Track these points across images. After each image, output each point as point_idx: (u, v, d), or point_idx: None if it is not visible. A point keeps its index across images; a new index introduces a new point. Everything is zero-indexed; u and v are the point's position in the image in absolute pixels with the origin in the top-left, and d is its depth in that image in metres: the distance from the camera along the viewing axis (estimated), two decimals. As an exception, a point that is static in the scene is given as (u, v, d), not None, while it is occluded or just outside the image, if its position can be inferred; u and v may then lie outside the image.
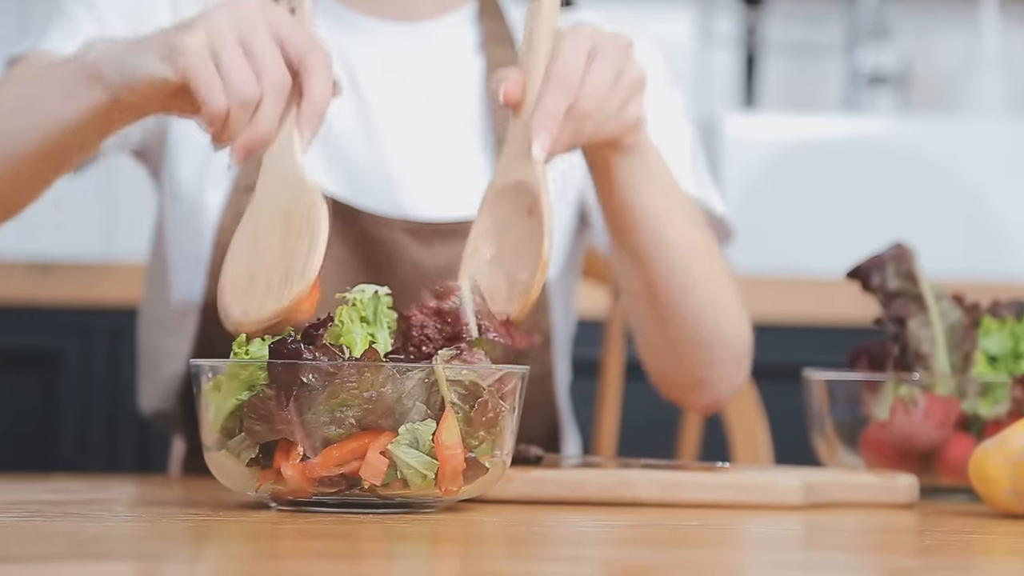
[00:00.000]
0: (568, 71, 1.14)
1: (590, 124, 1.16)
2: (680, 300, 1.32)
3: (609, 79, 1.16)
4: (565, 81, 1.14)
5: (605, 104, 1.16)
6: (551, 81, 1.14)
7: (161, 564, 0.85)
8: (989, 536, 1.06)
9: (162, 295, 1.47)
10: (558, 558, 0.92)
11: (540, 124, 1.13)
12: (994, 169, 2.29)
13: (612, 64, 1.16)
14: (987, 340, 1.29)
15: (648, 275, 1.32)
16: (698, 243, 1.33)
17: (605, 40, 1.17)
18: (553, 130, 1.13)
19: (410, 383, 1.00)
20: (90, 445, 2.11)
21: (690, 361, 1.37)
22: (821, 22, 2.52)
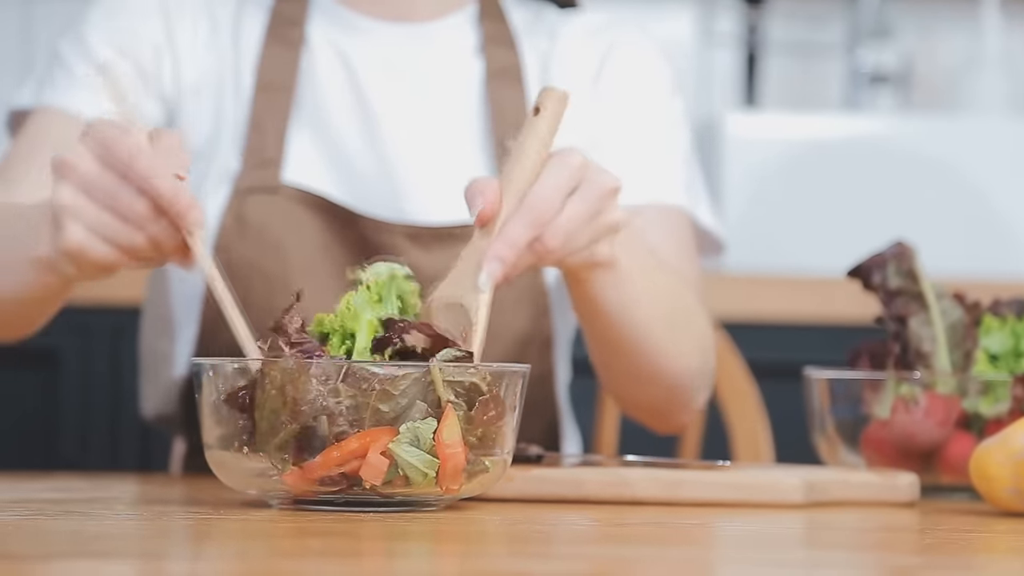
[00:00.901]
0: (543, 203, 1.11)
1: (551, 257, 1.14)
2: (642, 363, 1.33)
3: (583, 218, 1.13)
4: (537, 212, 1.11)
5: (572, 242, 1.14)
6: (523, 208, 1.11)
7: (163, 562, 0.86)
8: (990, 534, 1.06)
9: (162, 299, 1.47)
10: (558, 556, 0.92)
11: (498, 252, 1.10)
12: (995, 168, 2.29)
13: (591, 203, 1.14)
14: (988, 339, 1.29)
15: (611, 349, 1.32)
16: (665, 313, 1.32)
17: (591, 177, 1.14)
18: (509, 261, 1.10)
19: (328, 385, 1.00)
20: (91, 444, 2.11)
21: (652, 401, 1.38)
22: (822, 21, 2.52)
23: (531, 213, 1.11)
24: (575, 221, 1.13)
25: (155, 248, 1.08)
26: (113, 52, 1.42)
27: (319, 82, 1.44)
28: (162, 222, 1.07)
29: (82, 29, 1.44)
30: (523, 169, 1.12)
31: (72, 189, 1.08)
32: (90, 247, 1.08)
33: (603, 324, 1.29)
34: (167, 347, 1.46)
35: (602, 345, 1.33)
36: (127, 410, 2.06)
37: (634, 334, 1.30)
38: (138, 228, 1.07)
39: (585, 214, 1.14)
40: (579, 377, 1.65)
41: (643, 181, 1.44)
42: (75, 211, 1.08)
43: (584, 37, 1.49)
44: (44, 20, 2.44)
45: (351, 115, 1.44)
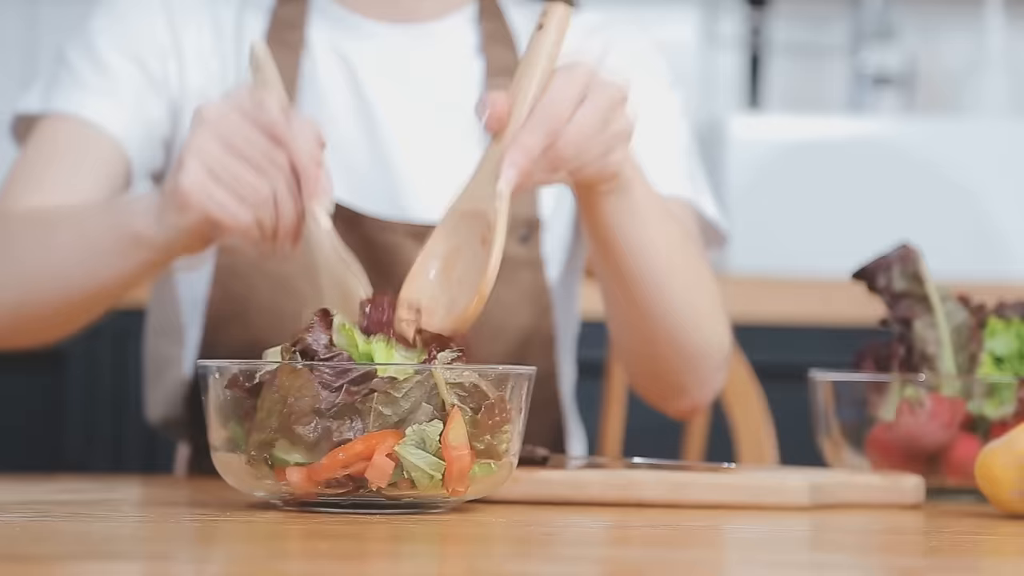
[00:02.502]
0: (554, 110, 1.12)
1: (567, 165, 1.15)
2: (662, 319, 1.32)
3: (595, 125, 1.14)
4: (549, 120, 1.12)
5: (585, 150, 1.15)
6: (535, 117, 1.12)
7: (169, 564, 0.86)
8: (995, 537, 1.06)
9: (167, 303, 1.47)
10: (564, 558, 0.92)
11: (513, 159, 1.11)
12: (999, 170, 2.29)
13: (601, 110, 1.15)
14: (993, 341, 1.29)
15: (631, 297, 1.32)
16: (683, 265, 1.32)
17: (600, 85, 1.15)
18: (525, 167, 1.11)
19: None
20: (96, 445, 2.11)
21: (667, 369, 1.37)
22: (825, 23, 2.53)
23: (543, 121, 1.12)
24: (587, 128, 1.14)
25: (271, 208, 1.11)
26: (119, 53, 1.42)
27: (320, 84, 1.44)
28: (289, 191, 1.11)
29: (88, 33, 1.44)
30: (531, 82, 1.13)
31: (209, 135, 1.12)
32: (209, 190, 1.11)
33: (618, 258, 1.28)
34: (172, 351, 1.46)
35: (618, 293, 1.31)
36: (132, 412, 2.06)
37: (650, 275, 1.29)
38: (264, 180, 1.11)
39: (596, 122, 1.15)
40: (584, 378, 1.65)
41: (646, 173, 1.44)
42: (203, 151, 1.11)
43: (582, 37, 1.49)
44: (49, 24, 2.44)
45: (352, 116, 1.44)
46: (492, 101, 1.13)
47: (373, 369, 1.01)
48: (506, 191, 1.11)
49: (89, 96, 1.40)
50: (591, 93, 1.14)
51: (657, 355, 1.36)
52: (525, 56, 1.15)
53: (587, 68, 1.15)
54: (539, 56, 1.14)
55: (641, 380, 1.41)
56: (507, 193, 1.11)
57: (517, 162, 1.11)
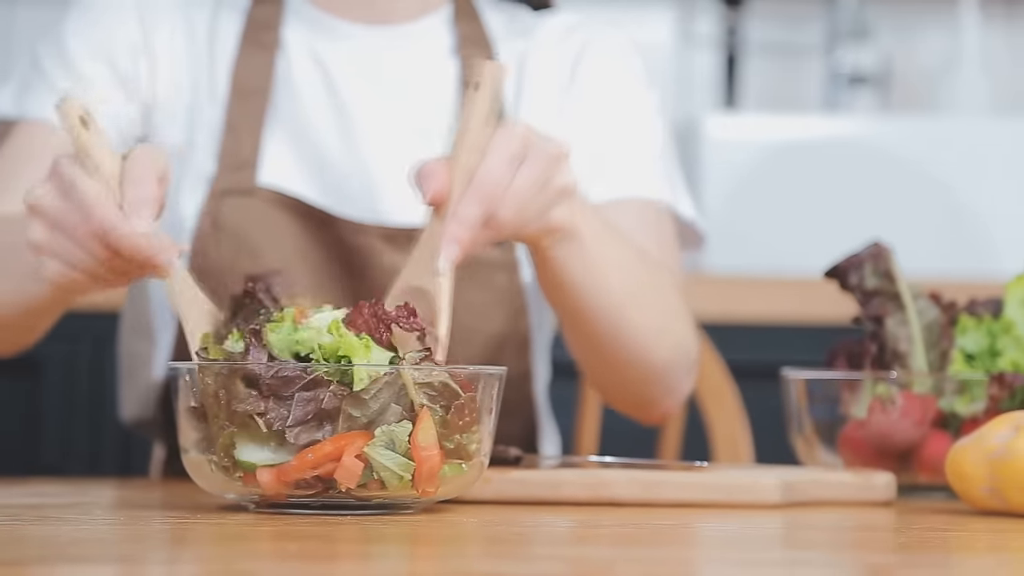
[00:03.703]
0: (492, 179, 1.11)
1: (507, 230, 1.14)
2: (618, 346, 1.33)
3: (534, 186, 1.13)
4: (487, 189, 1.11)
5: (526, 211, 1.14)
6: (473, 188, 1.11)
7: (138, 566, 0.85)
8: (966, 533, 1.06)
9: (141, 302, 1.47)
10: (536, 558, 0.92)
11: (453, 235, 1.10)
12: (973, 168, 2.30)
13: (540, 170, 1.13)
14: (964, 338, 1.30)
15: (583, 331, 1.32)
16: (635, 290, 1.32)
17: (537, 144, 1.13)
18: (465, 241, 1.10)
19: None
20: (73, 450, 2.10)
21: (632, 387, 1.38)
22: (801, 22, 2.53)
23: (482, 189, 1.11)
24: (526, 191, 1.13)
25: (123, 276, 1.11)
26: (90, 56, 1.42)
27: (294, 85, 1.44)
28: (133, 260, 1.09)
29: (61, 35, 1.44)
30: (468, 146, 1.12)
31: (43, 228, 1.11)
32: (70, 279, 1.11)
33: (573, 301, 1.28)
34: (145, 350, 1.46)
35: (576, 328, 1.32)
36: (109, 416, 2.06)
37: (605, 311, 1.29)
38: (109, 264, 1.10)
39: (535, 182, 1.13)
40: (559, 378, 1.65)
41: (622, 176, 1.44)
42: (49, 248, 1.11)
43: (558, 37, 1.49)
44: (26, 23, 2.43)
45: (326, 117, 1.44)
46: (431, 174, 1.11)
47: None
48: (447, 268, 1.10)
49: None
50: (529, 153, 1.13)
51: (621, 376, 1.37)
52: (462, 119, 1.13)
53: (524, 128, 1.13)
54: (476, 118, 1.12)
55: (605, 394, 1.42)
56: (448, 270, 1.10)
57: (457, 237, 1.10)
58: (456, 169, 1.12)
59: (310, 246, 1.40)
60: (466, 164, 1.12)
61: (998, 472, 1.11)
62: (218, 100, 1.44)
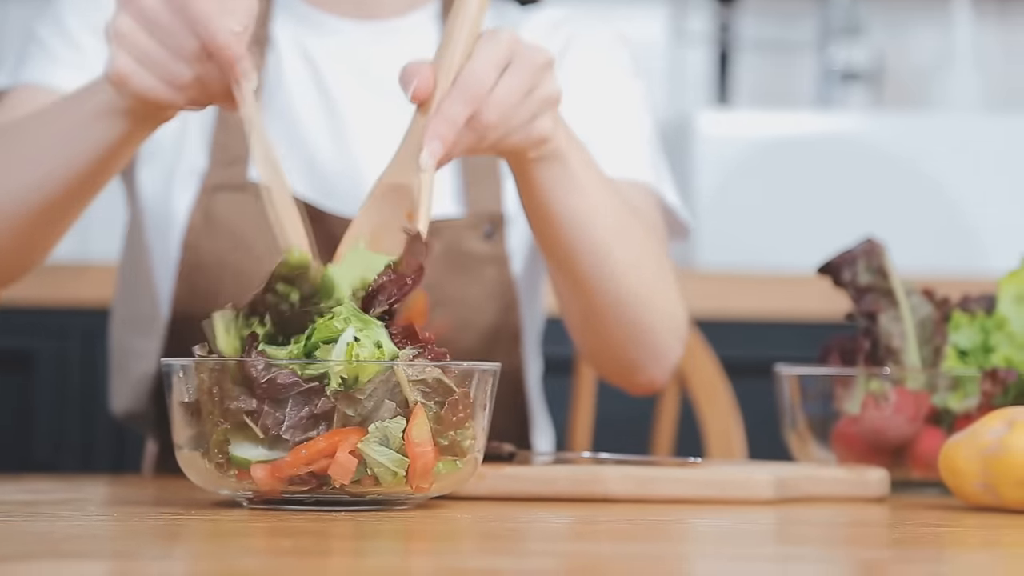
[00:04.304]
0: (477, 78, 1.11)
1: (491, 135, 1.13)
2: (602, 292, 1.31)
3: (519, 92, 1.13)
4: (471, 89, 1.11)
5: (510, 117, 1.14)
6: (457, 86, 1.11)
7: (132, 562, 0.85)
8: (959, 529, 1.06)
9: (133, 296, 1.47)
10: (530, 554, 0.92)
11: (436, 131, 1.10)
12: (966, 165, 2.30)
13: (525, 77, 1.13)
14: (957, 334, 1.30)
15: (574, 272, 1.30)
16: (627, 238, 1.31)
17: (523, 51, 1.14)
18: (449, 138, 1.10)
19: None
20: (65, 446, 2.10)
21: (622, 349, 1.36)
22: (794, 19, 2.53)
23: (466, 89, 1.11)
24: (511, 95, 1.13)
25: (201, 88, 1.11)
26: (89, 31, 1.42)
27: (284, 80, 1.44)
28: (210, 64, 1.09)
29: (57, 10, 1.44)
30: (455, 50, 1.12)
31: (129, 19, 1.11)
32: (137, 76, 1.11)
33: (557, 231, 1.26)
34: (139, 343, 1.46)
35: (562, 267, 1.30)
36: (101, 412, 2.06)
37: (591, 247, 1.28)
38: (186, 65, 1.10)
39: (520, 88, 1.13)
40: (552, 373, 1.65)
41: (609, 160, 1.44)
42: (126, 39, 1.10)
43: (545, 32, 1.49)
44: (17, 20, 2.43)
45: (316, 113, 1.44)
46: (416, 72, 1.11)
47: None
48: (430, 163, 1.10)
49: (60, 68, 1.40)
50: (515, 59, 1.13)
51: (605, 331, 1.35)
52: (448, 24, 1.14)
53: (510, 34, 1.14)
54: (463, 23, 1.13)
55: (594, 357, 1.40)
56: (431, 164, 1.10)
57: (440, 133, 1.10)
58: (442, 70, 1.12)
59: (301, 242, 1.40)
60: (451, 66, 1.12)
61: (991, 468, 1.11)
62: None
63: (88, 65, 1.40)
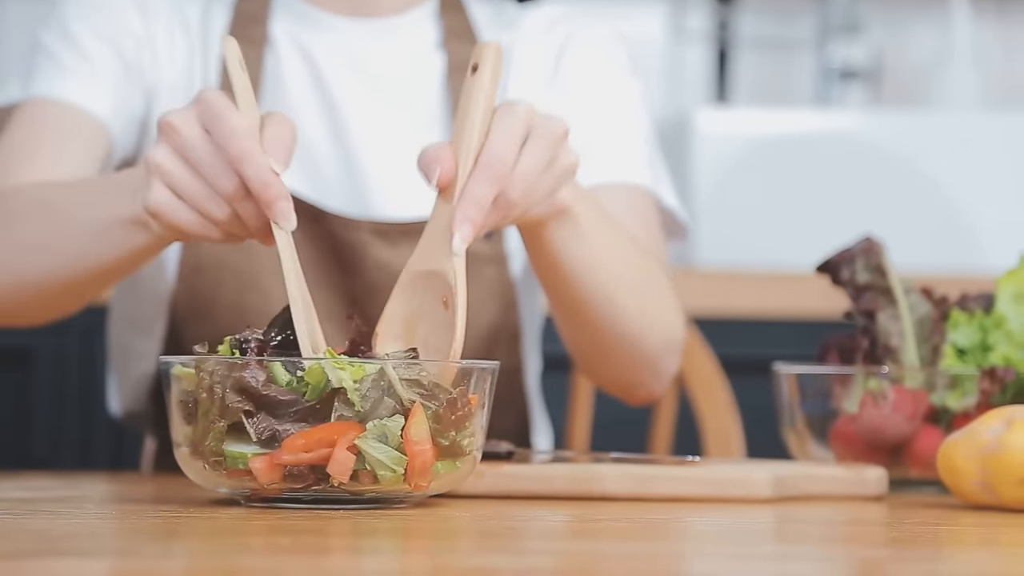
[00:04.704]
0: (499, 158, 1.11)
1: (516, 210, 1.14)
2: (608, 329, 1.33)
3: (540, 166, 1.13)
4: (495, 169, 1.11)
5: (533, 191, 1.14)
6: (480, 168, 1.11)
7: (131, 560, 0.85)
8: (957, 527, 1.06)
9: (131, 296, 1.47)
10: (529, 552, 0.92)
11: (465, 215, 1.10)
12: (964, 163, 2.30)
13: (545, 150, 1.13)
14: (956, 333, 1.30)
15: (575, 313, 1.32)
16: (627, 273, 1.32)
17: (540, 123, 1.14)
18: (478, 221, 1.10)
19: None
20: (64, 443, 2.10)
21: (621, 370, 1.38)
22: (792, 17, 2.53)
23: (490, 169, 1.11)
24: (533, 170, 1.13)
25: (238, 225, 1.10)
26: (96, 38, 1.42)
27: (283, 79, 1.44)
28: (249, 203, 1.09)
29: (63, 20, 1.43)
30: (472, 128, 1.12)
31: (169, 150, 1.10)
32: (173, 210, 1.11)
33: (568, 285, 1.28)
34: (137, 343, 1.46)
35: (569, 312, 1.32)
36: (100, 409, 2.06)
37: (599, 295, 1.29)
38: (224, 202, 1.09)
39: (541, 161, 1.14)
40: (551, 372, 1.65)
41: (607, 161, 1.44)
42: (166, 172, 1.10)
43: (542, 29, 1.49)
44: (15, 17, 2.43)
45: (315, 112, 1.44)
46: (436, 158, 1.11)
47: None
48: (461, 248, 1.09)
49: (70, 80, 1.40)
50: (533, 132, 1.13)
51: (611, 361, 1.37)
52: (463, 101, 1.13)
53: (526, 107, 1.13)
54: (478, 100, 1.12)
55: (593, 376, 1.43)
56: (462, 250, 1.10)
57: (470, 217, 1.10)
58: (461, 151, 1.12)
59: (301, 241, 1.40)
60: (470, 145, 1.11)
61: (989, 466, 1.12)
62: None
63: (96, 73, 1.40)
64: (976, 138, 2.31)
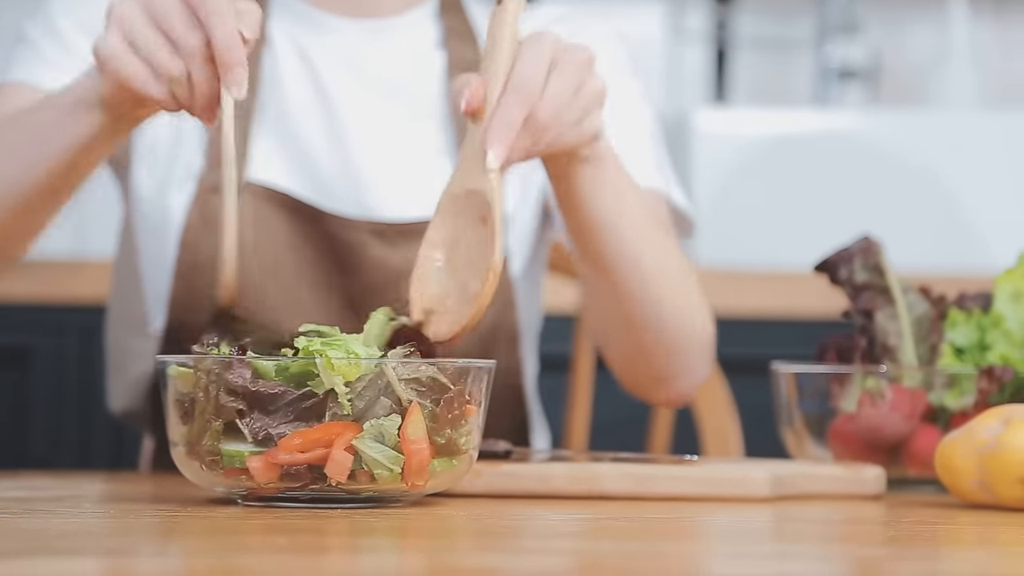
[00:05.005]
0: (528, 81, 1.13)
1: (548, 134, 1.15)
2: (641, 300, 1.33)
3: (569, 90, 1.15)
4: (524, 91, 1.13)
5: (564, 115, 1.16)
6: (510, 90, 1.13)
7: (127, 559, 0.85)
8: (954, 526, 1.06)
9: (128, 295, 1.47)
10: (527, 551, 0.92)
11: (496, 134, 1.12)
12: (963, 163, 2.30)
13: (573, 75, 1.15)
14: (953, 332, 1.30)
15: (609, 278, 1.32)
16: (658, 244, 1.33)
17: (567, 51, 1.16)
18: (509, 140, 1.12)
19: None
20: (62, 442, 2.10)
21: (654, 358, 1.37)
22: (791, 17, 2.53)
23: (519, 92, 1.13)
24: (562, 94, 1.15)
25: (187, 89, 1.10)
26: (81, 31, 1.41)
27: (281, 79, 1.44)
28: (205, 66, 1.09)
29: (49, 12, 1.43)
30: (500, 57, 1.14)
31: (134, 2, 1.10)
32: (122, 58, 1.10)
33: (595, 235, 1.28)
34: (135, 343, 1.46)
35: (596, 269, 1.32)
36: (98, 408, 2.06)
37: (627, 252, 1.30)
38: (180, 59, 1.09)
39: (569, 86, 1.15)
40: (550, 372, 1.65)
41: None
42: (125, 21, 1.10)
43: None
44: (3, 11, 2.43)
45: (314, 112, 1.44)
46: (467, 84, 1.13)
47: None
48: (496, 166, 1.12)
49: (49, 70, 1.40)
50: (560, 59, 1.15)
51: (639, 341, 1.36)
52: (490, 32, 1.15)
53: (552, 36, 1.15)
54: (503, 30, 1.14)
55: (625, 370, 1.41)
56: (497, 168, 1.12)
57: (501, 137, 1.12)
58: (490, 78, 1.14)
59: (299, 242, 1.40)
60: (499, 73, 1.14)
61: (987, 466, 1.12)
62: (205, 94, 1.43)
63: (78, 67, 1.40)
64: (974, 137, 2.31)
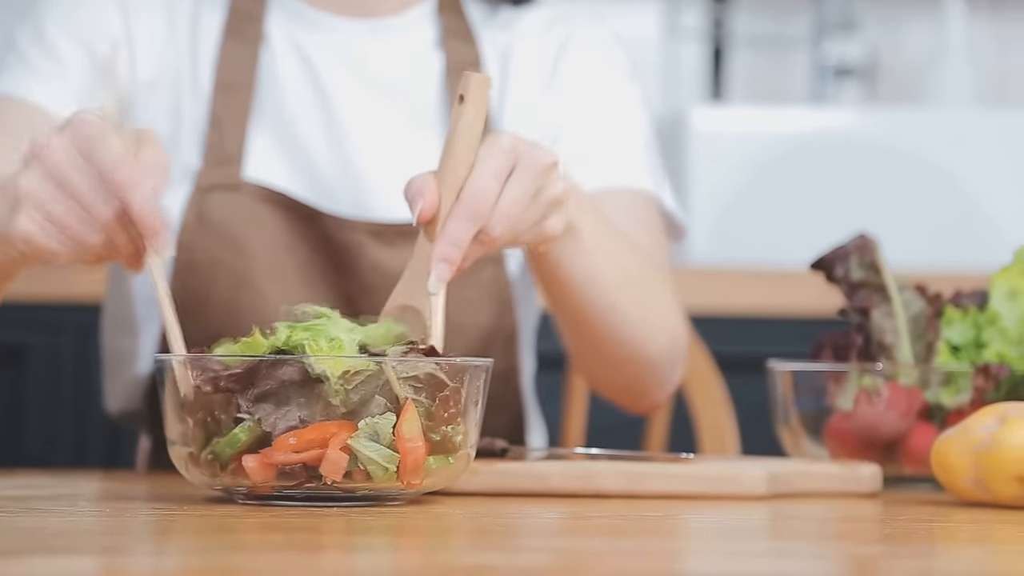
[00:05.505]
0: (480, 194, 1.10)
1: (500, 243, 1.13)
2: (611, 338, 1.34)
3: (525, 197, 1.12)
4: (475, 205, 1.10)
5: (518, 224, 1.13)
6: (461, 204, 1.10)
7: (124, 558, 0.85)
8: (951, 524, 1.06)
9: (124, 296, 1.47)
10: (523, 549, 0.92)
11: (442, 254, 1.09)
12: (959, 160, 2.30)
13: (530, 182, 1.12)
14: (949, 330, 1.30)
15: (579, 322, 1.33)
16: (630, 282, 1.33)
17: (527, 154, 1.12)
18: (456, 260, 1.09)
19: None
20: (58, 441, 2.10)
21: (625, 379, 1.39)
22: (787, 14, 2.53)
23: (470, 206, 1.10)
24: (517, 204, 1.12)
25: (109, 251, 1.08)
26: (70, 41, 1.41)
27: (279, 79, 1.44)
28: (126, 231, 1.06)
29: (40, 20, 1.43)
30: (456, 160, 1.11)
31: (42, 176, 1.06)
32: (44, 236, 1.07)
33: (570, 295, 1.29)
34: (130, 344, 1.46)
35: (571, 321, 1.33)
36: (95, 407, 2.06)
37: (602, 305, 1.30)
38: (98, 231, 1.06)
39: (526, 194, 1.12)
40: (546, 371, 1.65)
41: (609, 167, 1.44)
42: (37, 198, 1.06)
43: (540, 30, 1.49)
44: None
45: (311, 112, 1.44)
46: (420, 191, 1.10)
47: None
48: (437, 288, 1.10)
49: (37, 81, 1.39)
50: (519, 163, 1.12)
51: (615, 370, 1.38)
52: (449, 133, 1.12)
53: (511, 138, 1.12)
54: (462, 130, 1.11)
55: (602, 390, 1.44)
56: (439, 289, 1.10)
57: (447, 256, 1.09)
58: (445, 184, 1.11)
59: (296, 242, 1.40)
60: (454, 178, 1.11)
61: (983, 463, 1.12)
62: (201, 94, 1.43)
63: (67, 76, 1.40)
64: (971, 135, 2.31)
